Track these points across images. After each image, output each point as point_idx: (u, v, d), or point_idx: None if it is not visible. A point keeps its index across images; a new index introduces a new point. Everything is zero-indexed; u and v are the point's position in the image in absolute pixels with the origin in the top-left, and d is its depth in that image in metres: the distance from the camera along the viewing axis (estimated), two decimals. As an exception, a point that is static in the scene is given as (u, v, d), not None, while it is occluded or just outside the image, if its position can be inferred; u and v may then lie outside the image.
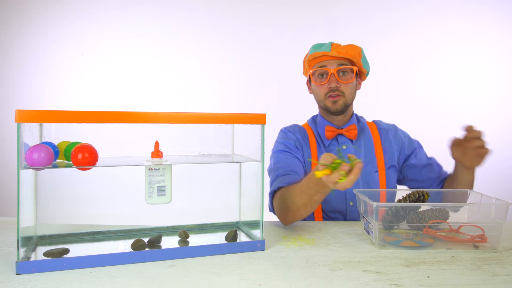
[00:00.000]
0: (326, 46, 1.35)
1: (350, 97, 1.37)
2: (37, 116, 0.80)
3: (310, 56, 1.37)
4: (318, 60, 1.36)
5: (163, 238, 1.01)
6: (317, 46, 1.38)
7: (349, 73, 1.34)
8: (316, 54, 1.35)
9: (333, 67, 1.33)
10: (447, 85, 2.95)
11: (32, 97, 2.93)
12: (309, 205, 1.08)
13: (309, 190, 1.04)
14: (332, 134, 1.39)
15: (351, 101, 1.38)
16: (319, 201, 1.07)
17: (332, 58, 1.33)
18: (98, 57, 2.92)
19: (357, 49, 1.35)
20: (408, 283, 0.79)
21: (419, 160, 1.42)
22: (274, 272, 0.84)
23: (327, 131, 1.39)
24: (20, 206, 0.81)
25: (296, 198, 1.10)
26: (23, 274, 0.80)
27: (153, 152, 0.99)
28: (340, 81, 1.33)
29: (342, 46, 1.34)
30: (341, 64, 1.33)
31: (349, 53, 1.32)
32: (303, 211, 1.11)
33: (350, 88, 1.36)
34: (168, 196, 0.97)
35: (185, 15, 2.93)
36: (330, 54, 1.32)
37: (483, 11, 2.92)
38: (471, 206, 1.12)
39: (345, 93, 1.35)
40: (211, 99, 2.96)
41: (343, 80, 1.33)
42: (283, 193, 1.17)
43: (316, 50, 1.36)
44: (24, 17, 2.94)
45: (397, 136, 1.44)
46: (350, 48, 1.34)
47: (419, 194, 1.09)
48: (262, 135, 0.99)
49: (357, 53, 1.34)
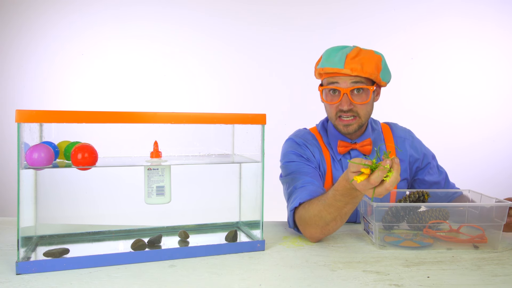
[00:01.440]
0: (338, 60, 1.16)
1: (366, 117, 1.22)
2: (37, 116, 0.80)
3: (321, 69, 1.19)
4: (329, 75, 1.19)
5: (163, 238, 1.01)
6: (330, 56, 1.19)
7: (365, 92, 1.17)
8: (327, 70, 1.17)
9: (346, 86, 1.16)
10: (447, 85, 2.95)
11: (32, 97, 2.93)
12: (339, 219, 1.00)
13: (338, 203, 0.96)
14: (345, 150, 1.26)
15: (366, 120, 1.23)
16: (349, 213, 0.99)
17: (345, 75, 1.16)
18: (98, 57, 2.92)
19: (376, 60, 1.17)
20: (408, 283, 0.79)
21: (430, 176, 1.32)
22: (274, 272, 0.84)
23: (340, 146, 1.26)
24: (20, 206, 0.81)
25: (323, 213, 1.00)
26: (23, 274, 0.80)
27: (152, 152, 0.99)
28: (353, 101, 1.17)
29: (358, 60, 1.14)
30: (355, 83, 1.15)
31: (365, 70, 1.14)
32: (332, 226, 1.02)
33: (366, 108, 1.20)
34: (167, 196, 0.97)
35: (185, 15, 2.93)
36: (343, 72, 1.14)
37: (483, 11, 2.92)
38: (471, 206, 1.12)
39: (360, 114, 1.19)
40: (211, 99, 2.96)
41: (357, 101, 1.17)
42: (306, 209, 1.05)
43: (328, 64, 1.17)
44: (24, 17, 2.94)
45: (414, 147, 1.32)
46: (367, 61, 1.15)
47: (419, 194, 1.09)
48: (262, 135, 0.99)
49: (375, 67, 1.15)
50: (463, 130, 2.91)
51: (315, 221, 1.02)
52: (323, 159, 1.28)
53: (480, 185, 1.37)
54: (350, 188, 0.91)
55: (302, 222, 1.07)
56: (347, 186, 0.92)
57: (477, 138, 2.92)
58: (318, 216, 1.01)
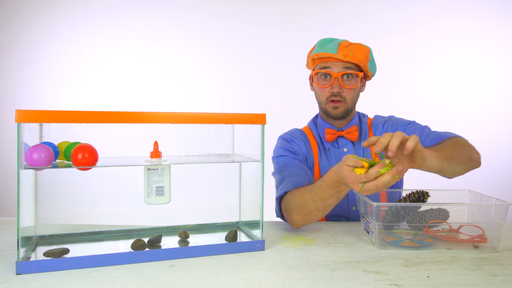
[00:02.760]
0: (332, 46, 1.27)
1: (352, 103, 1.32)
2: (37, 116, 0.80)
3: (315, 54, 1.30)
4: (322, 60, 1.30)
5: (163, 238, 1.01)
6: (323, 44, 1.30)
7: (354, 78, 1.29)
8: (321, 55, 1.28)
9: (337, 71, 1.27)
10: (447, 85, 2.95)
11: (32, 97, 2.93)
12: (321, 209, 1.05)
13: (323, 194, 1.01)
14: (332, 137, 1.35)
15: (352, 106, 1.33)
16: (332, 206, 1.04)
17: (337, 60, 1.27)
18: (98, 57, 2.92)
19: (365, 51, 1.28)
20: (408, 283, 0.79)
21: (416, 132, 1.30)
22: (274, 272, 0.84)
23: (327, 133, 1.35)
24: (20, 206, 0.81)
25: (308, 201, 1.06)
26: (23, 274, 0.80)
27: (152, 152, 0.99)
28: (343, 86, 1.28)
29: (350, 48, 1.26)
30: (346, 68, 1.27)
31: (356, 57, 1.25)
32: (314, 215, 1.07)
33: (353, 94, 1.31)
34: (166, 196, 0.97)
35: (185, 15, 2.93)
36: (336, 57, 1.26)
37: (483, 11, 2.92)
38: (471, 206, 1.12)
39: (347, 99, 1.30)
40: (211, 99, 2.96)
41: (347, 86, 1.28)
42: (293, 195, 1.12)
43: (322, 50, 1.28)
44: (24, 17, 2.94)
45: (389, 122, 1.37)
46: (358, 50, 1.26)
47: (419, 194, 1.09)
48: (262, 135, 0.99)
49: (364, 56, 1.27)
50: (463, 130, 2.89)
51: (300, 208, 1.09)
52: (310, 152, 1.37)
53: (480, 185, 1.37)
54: (337, 181, 0.96)
55: (288, 209, 1.14)
56: (335, 179, 0.96)
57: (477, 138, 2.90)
58: (303, 203, 1.07)
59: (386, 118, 1.42)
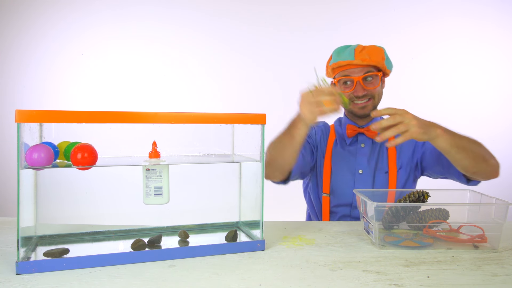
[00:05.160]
0: (349, 53, 1.32)
1: (379, 99, 1.39)
2: (37, 116, 0.80)
3: (334, 64, 1.35)
4: (342, 68, 1.35)
5: (163, 238, 1.01)
6: (339, 52, 1.35)
7: (375, 79, 1.34)
8: (340, 63, 1.33)
9: (358, 75, 1.32)
10: (447, 85, 2.95)
11: (32, 97, 2.93)
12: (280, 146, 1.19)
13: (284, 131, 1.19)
14: (352, 132, 1.42)
15: (379, 102, 1.40)
16: (287, 145, 1.18)
17: (356, 66, 1.32)
18: (98, 57, 2.92)
19: (380, 52, 1.33)
20: (408, 283, 0.79)
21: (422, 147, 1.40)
22: (274, 272, 0.84)
23: (348, 129, 1.42)
24: (20, 206, 0.81)
25: (275, 140, 1.22)
26: (23, 274, 0.80)
27: (151, 152, 0.98)
28: (366, 88, 1.33)
29: (365, 52, 1.31)
30: (366, 71, 1.32)
31: (372, 59, 1.30)
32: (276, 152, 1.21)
33: (378, 91, 1.37)
34: (165, 197, 0.97)
35: (185, 15, 2.93)
36: (354, 63, 1.31)
37: (483, 11, 2.92)
38: (471, 206, 1.12)
39: (375, 96, 1.36)
40: (211, 99, 2.96)
41: (370, 87, 1.33)
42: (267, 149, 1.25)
43: (339, 58, 1.33)
44: (24, 17, 2.94)
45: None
46: (374, 52, 1.32)
47: (419, 194, 1.09)
48: (262, 135, 0.99)
49: (380, 57, 1.32)
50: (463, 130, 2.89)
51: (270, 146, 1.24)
52: (324, 140, 1.47)
53: (480, 185, 1.37)
54: (295, 119, 1.16)
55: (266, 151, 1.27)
56: (294, 117, 1.16)
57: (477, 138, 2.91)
58: (273, 142, 1.23)
59: None
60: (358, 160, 1.41)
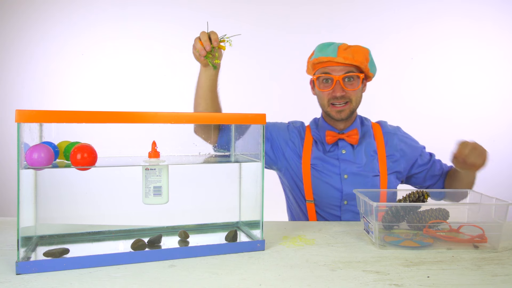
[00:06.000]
0: (331, 50, 1.28)
1: (357, 103, 1.34)
2: (37, 116, 0.80)
3: (315, 59, 1.30)
4: (323, 65, 1.30)
5: (163, 238, 1.01)
6: (322, 48, 1.31)
7: (355, 80, 1.29)
8: (321, 59, 1.28)
9: (338, 74, 1.27)
10: (447, 85, 2.95)
11: (32, 97, 2.93)
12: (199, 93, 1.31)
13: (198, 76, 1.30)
14: (332, 139, 1.35)
15: (357, 106, 1.35)
16: (202, 82, 1.30)
17: (337, 64, 1.27)
18: (98, 57, 2.92)
19: (365, 52, 1.29)
20: (408, 283, 0.79)
21: (424, 165, 1.41)
22: (274, 272, 0.84)
23: (328, 135, 1.36)
24: (20, 206, 0.81)
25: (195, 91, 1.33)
26: (23, 274, 0.80)
27: (150, 152, 0.98)
28: (345, 88, 1.28)
29: (349, 50, 1.27)
30: (347, 71, 1.28)
31: (355, 58, 1.26)
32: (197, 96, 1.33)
33: (357, 94, 1.32)
34: (164, 196, 0.97)
35: (185, 15, 2.93)
36: (336, 60, 1.26)
37: (483, 11, 2.92)
38: (471, 206, 1.12)
39: (352, 100, 1.31)
40: (211, 99, 2.95)
41: (349, 88, 1.29)
42: None
43: (321, 54, 1.29)
44: (24, 17, 2.93)
45: (403, 142, 1.41)
46: (357, 52, 1.27)
47: (419, 194, 1.09)
48: (262, 135, 0.99)
49: (364, 58, 1.28)
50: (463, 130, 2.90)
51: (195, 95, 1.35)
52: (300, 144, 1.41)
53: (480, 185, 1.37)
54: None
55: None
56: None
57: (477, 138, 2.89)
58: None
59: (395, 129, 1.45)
60: (343, 166, 1.35)
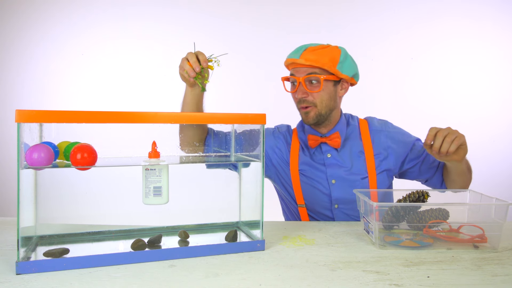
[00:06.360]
0: (296, 52, 1.27)
1: (324, 107, 1.27)
2: (37, 116, 0.80)
3: (285, 61, 1.33)
4: (291, 66, 1.31)
5: (163, 238, 1.01)
6: (294, 50, 1.30)
7: (318, 82, 1.25)
8: (287, 61, 1.30)
9: (301, 76, 1.26)
10: (447, 85, 2.95)
11: (32, 97, 2.93)
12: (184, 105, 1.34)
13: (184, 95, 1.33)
14: (315, 143, 1.34)
15: (326, 110, 1.29)
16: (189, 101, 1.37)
17: (300, 66, 1.26)
18: (98, 57, 2.92)
19: (333, 53, 1.24)
20: (408, 283, 0.79)
21: (416, 159, 1.36)
22: (274, 272, 0.84)
23: (310, 139, 1.34)
24: (20, 206, 0.81)
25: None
26: (23, 274, 0.80)
27: (150, 153, 0.98)
28: (308, 90, 1.25)
29: (315, 52, 1.24)
30: (309, 73, 1.24)
31: (319, 60, 1.22)
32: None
33: (323, 97, 1.26)
34: (164, 197, 0.97)
35: (185, 15, 2.93)
36: (298, 62, 1.24)
37: (483, 11, 2.92)
38: (471, 206, 1.12)
39: (317, 103, 1.26)
40: (211, 99, 2.95)
41: (311, 90, 1.25)
42: None
43: (288, 56, 1.30)
44: (24, 17, 2.93)
45: (390, 139, 1.36)
46: (323, 54, 1.23)
47: (419, 194, 1.09)
48: (262, 135, 0.99)
49: (329, 59, 1.22)
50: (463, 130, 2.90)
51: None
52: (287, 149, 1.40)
53: (480, 185, 1.37)
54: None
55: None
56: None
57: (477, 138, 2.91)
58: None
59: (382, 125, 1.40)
60: (329, 172, 1.34)
